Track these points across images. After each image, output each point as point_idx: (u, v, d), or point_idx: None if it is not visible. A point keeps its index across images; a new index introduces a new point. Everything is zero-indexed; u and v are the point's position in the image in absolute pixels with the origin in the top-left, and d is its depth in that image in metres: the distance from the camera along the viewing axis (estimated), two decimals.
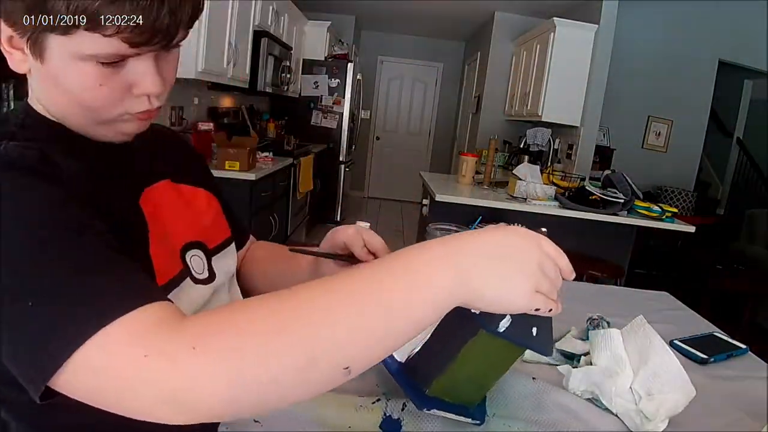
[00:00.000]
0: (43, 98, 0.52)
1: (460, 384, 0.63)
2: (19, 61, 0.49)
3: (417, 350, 0.65)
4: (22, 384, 0.38)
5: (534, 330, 0.57)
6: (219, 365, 0.36)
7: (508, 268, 0.44)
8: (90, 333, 0.36)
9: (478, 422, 0.64)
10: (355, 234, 0.64)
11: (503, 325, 0.54)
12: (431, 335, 0.63)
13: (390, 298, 0.40)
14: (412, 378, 0.64)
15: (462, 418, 0.63)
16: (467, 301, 0.43)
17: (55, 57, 0.46)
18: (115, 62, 0.47)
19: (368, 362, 0.40)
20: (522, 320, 0.55)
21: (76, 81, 0.47)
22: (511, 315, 0.52)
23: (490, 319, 0.54)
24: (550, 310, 0.48)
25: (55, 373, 0.37)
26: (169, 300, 0.42)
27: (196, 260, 0.61)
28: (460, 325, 0.60)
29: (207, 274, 0.62)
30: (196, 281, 0.60)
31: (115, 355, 0.37)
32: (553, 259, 0.49)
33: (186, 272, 0.58)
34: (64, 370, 0.36)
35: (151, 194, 0.58)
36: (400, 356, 0.67)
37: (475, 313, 0.53)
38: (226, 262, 0.67)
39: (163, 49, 0.49)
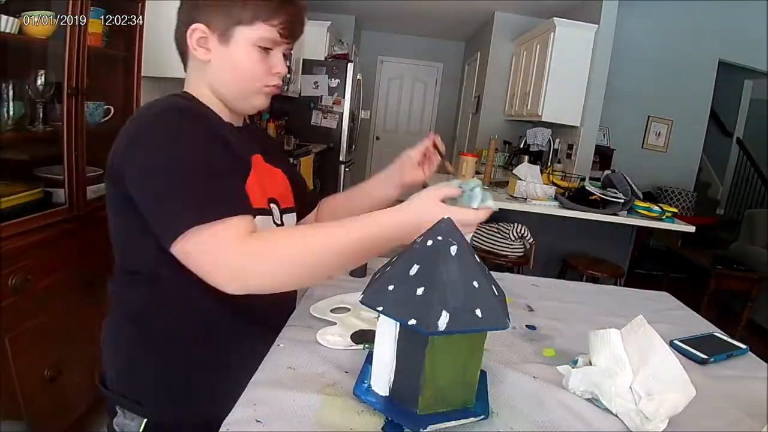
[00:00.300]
0: (214, 78, 0.83)
1: (445, 391, 0.63)
2: (203, 54, 0.80)
3: (392, 379, 0.65)
4: (160, 236, 0.69)
5: (478, 312, 0.58)
6: (262, 269, 0.69)
7: (427, 203, 0.75)
8: (211, 219, 0.66)
9: (483, 416, 0.64)
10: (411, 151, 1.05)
11: (442, 323, 0.55)
12: (396, 360, 0.63)
13: (371, 245, 0.72)
14: (401, 405, 0.63)
15: (465, 420, 0.63)
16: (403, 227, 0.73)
17: (237, 42, 0.79)
18: (268, 48, 0.81)
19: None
20: (462, 309, 0.56)
21: (247, 60, 0.80)
22: (448, 310, 0.55)
23: (427, 323, 0.54)
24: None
25: (184, 233, 0.65)
26: (254, 216, 0.75)
27: (275, 209, 0.91)
28: (412, 341, 0.61)
29: (279, 222, 0.91)
30: (274, 222, 0.89)
31: (219, 238, 0.66)
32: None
33: (269, 212, 0.88)
34: (187, 234, 0.66)
35: (253, 159, 0.87)
36: (383, 390, 0.66)
37: (413, 324, 0.54)
38: (289, 220, 0.96)
39: (288, 45, 0.84)
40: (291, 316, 0.93)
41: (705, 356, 0.92)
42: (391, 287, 0.59)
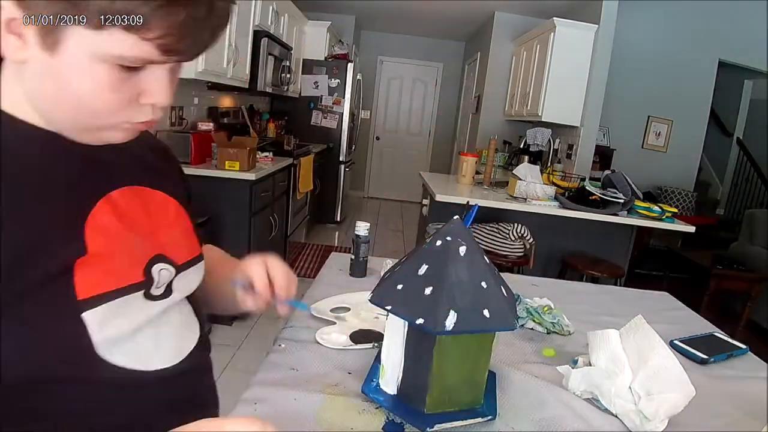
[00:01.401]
0: (31, 91, 0.47)
1: (453, 390, 0.63)
2: (14, 47, 0.44)
3: (400, 378, 0.65)
4: None
5: (486, 312, 0.58)
6: None
7: None
8: None
9: (490, 417, 0.64)
10: (260, 267, 0.67)
11: (450, 322, 0.55)
12: (404, 360, 0.64)
13: None
14: (408, 404, 0.64)
15: (472, 420, 0.63)
16: None
17: (70, 51, 0.43)
18: (134, 68, 0.45)
19: None
20: (470, 309, 0.56)
21: (86, 82, 0.44)
22: (456, 310, 0.55)
23: (435, 322, 0.55)
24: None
25: None
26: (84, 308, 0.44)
27: (164, 274, 0.57)
28: (420, 340, 0.61)
29: (162, 292, 0.57)
30: (151, 297, 0.55)
31: None
32: None
33: (144, 285, 0.54)
34: None
35: (114, 199, 0.53)
36: (391, 389, 0.66)
37: (421, 324, 0.54)
38: (190, 279, 0.62)
39: (184, 61, 0.48)
40: (291, 316, 0.93)
41: (705, 356, 0.92)
42: (399, 287, 0.60)
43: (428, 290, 0.58)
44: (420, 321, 0.57)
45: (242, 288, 0.67)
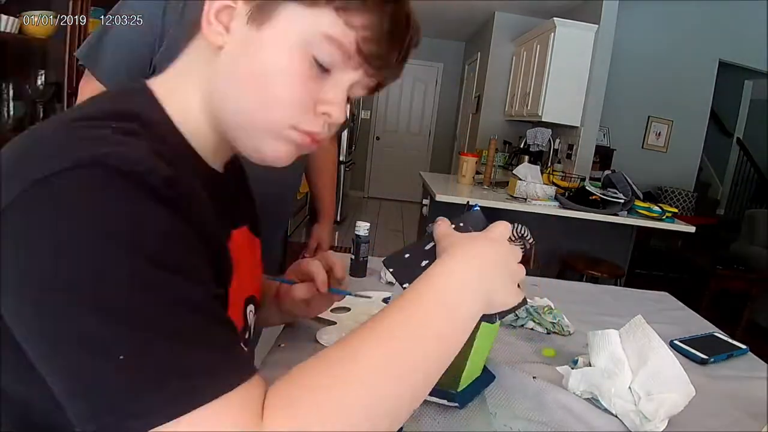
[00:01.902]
0: (218, 79, 0.46)
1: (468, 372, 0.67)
2: (216, 33, 0.45)
3: None
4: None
5: None
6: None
7: (505, 277, 0.49)
8: (202, 401, 0.32)
9: (456, 406, 0.67)
10: (319, 265, 0.69)
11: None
12: None
13: (439, 334, 0.42)
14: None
15: (436, 399, 0.66)
16: (484, 312, 0.48)
17: (279, 26, 0.43)
18: (324, 71, 0.45)
19: (426, 393, 0.42)
20: None
21: (282, 61, 0.44)
22: None
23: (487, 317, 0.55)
24: (524, 299, 0.51)
25: None
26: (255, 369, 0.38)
27: (251, 317, 0.57)
28: None
29: (249, 331, 0.57)
30: (245, 343, 0.53)
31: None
32: (516, 256, 0.52)
33: (245, 330, 0.53)
34: None
35: (234, 238, 0.51)
36: None
37: None
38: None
39: (370, 70, 0.48)
40: None
41: (705, 356, 0.92)
42: (407, 255, 0.59)
43: (424, 264, 0.57)
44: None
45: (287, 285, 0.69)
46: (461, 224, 0.61)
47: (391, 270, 0.58)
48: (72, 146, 0.35)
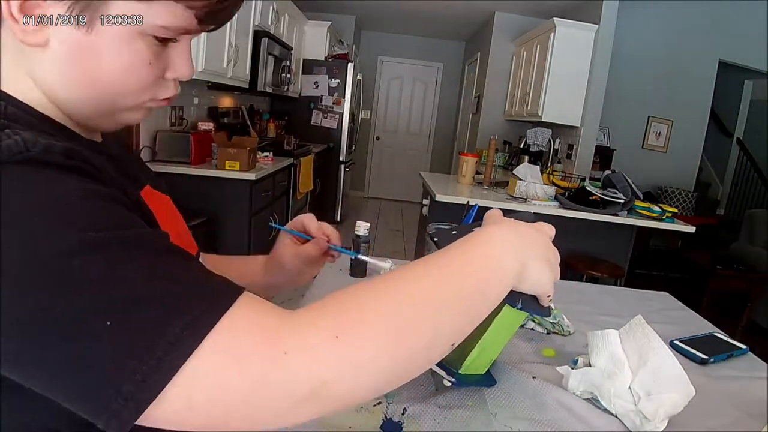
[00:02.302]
0: (49, 76, 0.42)
1: (482, 356, 0.69)
2: (31, 30, 0.39)
3: None
4: (92, 420, 0.31)
5: (529, 298, 0.59)
6: (363, 352, 0.36)
7: (542, 259, 0.51)
8: (203, 335, 0.32)
9: (454, 382, 0.69)
10: (311, 217, 0.73)
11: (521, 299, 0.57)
12: None
13: (478, 280, 0.44)
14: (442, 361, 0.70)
15: (441, 371, 0.69)
16: (516, 284, 0.49)
17: (110, 28, 0.40)
18: (165, 41, 0.44)
19: (460, 340, 0.43)
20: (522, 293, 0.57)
21: (124, 58, 0.42)
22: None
23: (511, 296, 0.54)
24: (549, 309, 0.54)
25: (159, 394, 0.31)
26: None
27: None
28: None
29: None
30: None
31: (246, 357, 0.33)
32: (556, 255, 0.55)
33: None
34: (172, 387, 0.31)
35: (143, 195, 0.51)
36: None
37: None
38: None
39: (213, 30, 0.47)
40: None
41: (705, 356, 0.92)
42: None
43: None
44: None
45: (291, 238, 0.72)
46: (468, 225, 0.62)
47: (435, 239, 0.60)
48: None
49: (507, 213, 0.58)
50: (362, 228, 1.17)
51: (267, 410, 0.34)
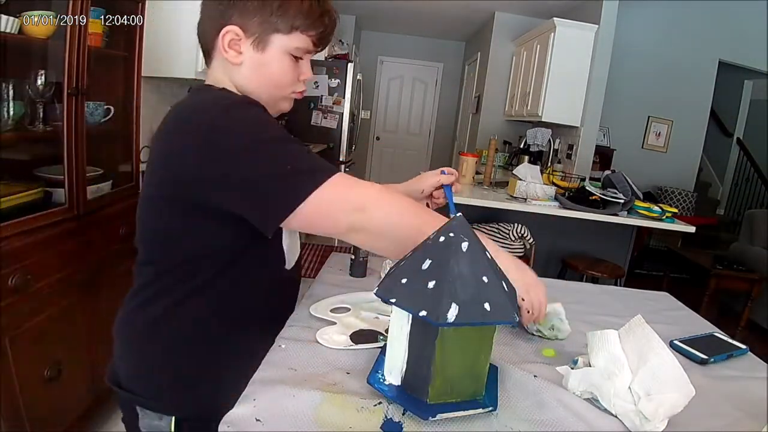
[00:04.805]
0: (243, 80, 0.82)
1: (455, 381, 0.65)
2: (233, 56, 0.80)
3: (405, 369, 0.67)
4: (259, 222, 0.72)
5: (487, 305, 0.59)
6: (386, 202, 0.74)
7: (523, 271, 0.83)
8: (325, 179, 0.70)
9: (491, 408, 0.65)
10: (432, 175, 1.20)
11: (452, 315, 0.56)
12: (408, 351, 0.66)
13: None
14: (412, 394, 0.66)
15: (473, 411, 0.64)
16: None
17: (273, 49, 0.80)
18: (299, 58, 0.83)
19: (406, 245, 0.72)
20: (472, 303, 0.58)
21: (278, 67, 0.82)
22: (458, 303, 0.58)
23: (437, 314, 0.57)
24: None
25: (307, 198, 0.69)
26: None
27: None
28: (423, 332, 0.63)
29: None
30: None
31: (339, 186, 0.71)
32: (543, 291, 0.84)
33: None
34: (310, 198, 0.69)
35: None
36: (396, 380, 0.68)
37: (424, 315, 0.57)
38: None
39: (320, 51, 0.87)
40: (291, 317, 0.93)
41: (705, 356, 0.92)
42: (404, 280, 0.61)
43: (431, 284, 0.59)
44: (423, 313, 0.58)
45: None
46: (450, 234, 0.62)
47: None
48: (220, 100, 0.77)
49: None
50: None
51: (341, 213, 0.71)
